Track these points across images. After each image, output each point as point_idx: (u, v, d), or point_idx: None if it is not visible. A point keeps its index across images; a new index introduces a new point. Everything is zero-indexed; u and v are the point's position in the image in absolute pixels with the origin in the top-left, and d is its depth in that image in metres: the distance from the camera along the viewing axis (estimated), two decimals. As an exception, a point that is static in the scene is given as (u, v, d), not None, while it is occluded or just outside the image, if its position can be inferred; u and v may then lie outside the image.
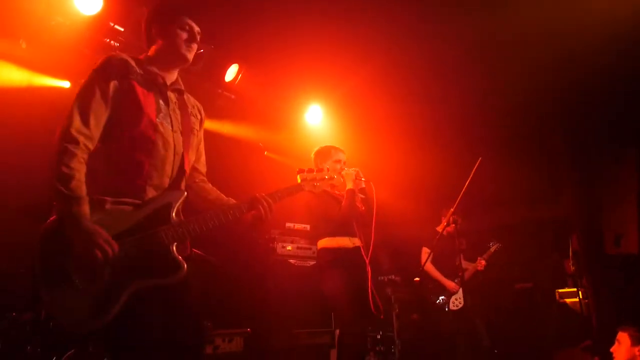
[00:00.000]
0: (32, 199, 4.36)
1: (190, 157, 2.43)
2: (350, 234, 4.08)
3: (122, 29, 4.93)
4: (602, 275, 5.86)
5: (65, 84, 5.24)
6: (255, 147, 7.18)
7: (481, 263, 6.05)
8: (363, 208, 4.16)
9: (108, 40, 4.99)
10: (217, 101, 5.92)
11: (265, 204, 2.37)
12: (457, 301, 5.89)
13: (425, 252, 6.10)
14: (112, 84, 2.17)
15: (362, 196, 4.15)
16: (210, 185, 2.61)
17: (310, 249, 5.92)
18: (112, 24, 4.87)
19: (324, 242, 4.11)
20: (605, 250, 5.93)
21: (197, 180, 2.57)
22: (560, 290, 6.44)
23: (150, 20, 2.45)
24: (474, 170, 4.24)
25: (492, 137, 6.66)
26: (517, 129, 6.65)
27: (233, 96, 6.10)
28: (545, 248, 7.35)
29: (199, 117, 2.56)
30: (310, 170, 2.60)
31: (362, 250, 4.04)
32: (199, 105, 2.62)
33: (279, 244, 5.68)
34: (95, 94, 2.14)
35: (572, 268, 6.02)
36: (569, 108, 6.10)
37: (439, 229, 5.77)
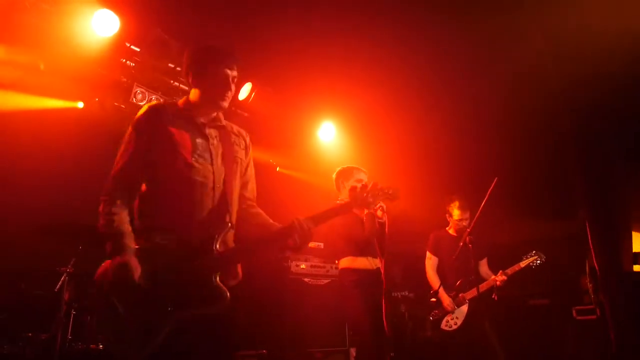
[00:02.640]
0: (49, 219, 4.40)
1: (235, 187, 2.50)
2: (371, 254, 4.11)
3: (138, 49, 4.99)
4: (620, 293, 5.77)
5: (79, 105, 5.29)
6: (268, 164, 7.21)
7: (501, 278, 5.09)
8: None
9: (124, 60, 5.05)
10: (231, 120, 5.87)
11: (300, 230, 2.35)
12: (452, 321, 5.11)
13: (429, 257, 5.47)
14: (148, 133, 2.35)
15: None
16: (257, 209, 2.66)
17: (324, 267, 5.88)
18: (128, 45, 4.93)
19: (347, 262, 4.15)
20: (623, 267, 5.84)
21: (244, 207, 2.63)
22: (578, 308, 6.31)
23: (187, 68, 2.55)
24: (490, 190, 4.21)
25: (508, 153, 6.62)
26: (532, 145, 6.60)
27: (246, 114, 6.13)
28: (562, 264, 7.26)
29: (242, 145, 2.66)
30: (364, 187, 2.56)
31: (381, 270, 4.04)
32: (243, 133, 2.73)
33: (293, 262, 5.65)
34: (133, 146, 2.34)
35: (589, 285, 5.91)
36: (584, 123, 6.06)
37: (447, 229, 5.48)
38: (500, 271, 5.18)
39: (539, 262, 5.15)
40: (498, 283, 5.10)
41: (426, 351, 5.96)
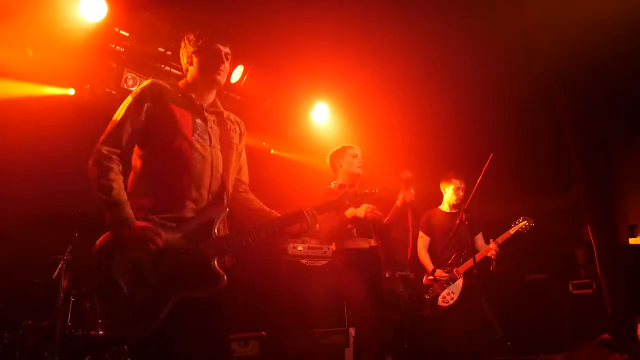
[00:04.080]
0: (44, 208, 4.38)
1: (232, 171, 2.53)
2: (366, 235, 4.08)
3: (127, 34, 4.94)
4: (616, 266, 5.81)
5: (70, 91, 5.24)
6: (261, 146, 7.20)
7: (492, 248, 4.97)
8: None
9: (113, 45, 5.00)
10: (223, 103, 5.85)
11: (309, 218, 2.45)
12: (448, 296, 5.03)
13: (420, 237, 5.35)
14: (146, 106, 2.32)
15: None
16: (252, 195, 2.70)
17: (321, 248, 5.90)
18: (117, 29, 4.88)
19: (339, 243, 4.13)
20: (619, 240, 5.88)
21: (240, 190, 2.67)
22: (574, 282, 6.34)
23: (185, 50, 2.57)
24: (485, 166, 4.19)
25: (503, 129, 6.61)
26: (527, 120, 6.59)
27: (239, 97, 6.10)
28: (557, 239, 7.28)
29: (238, 131, 2.67)
30: (352, 185, 2.65)
31: (378, 249, 4.07)
32: (239, 120, 2.74)
33: (290, 244, 5.67)
34: (128, 115, 2.29)
35: (585, 259, 5.94)
36: (579, 97, 6.06)
37: (439, 207, 5.40)
38: (491, 240, 5.11)
39: (528, 226, 5.08)
40: (492, 252, 5.00)
41: (425, 329, 5.98)
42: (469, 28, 5.49)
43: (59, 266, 4.22)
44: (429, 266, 5.17)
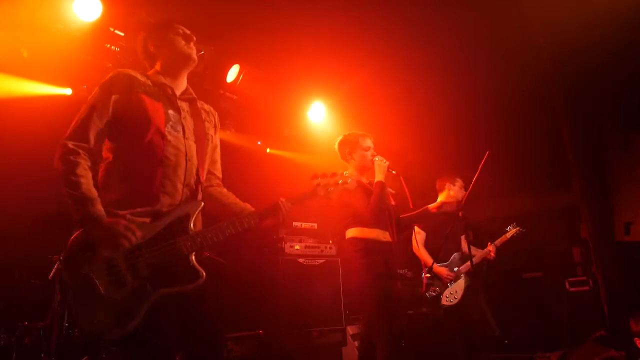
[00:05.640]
0: (39, 208, 4.37)
1: (206, 163, 2.47)
2: (382, 227, 3.81)
3: (122, 34, 4.93)
4: (613, 264, 5.82)
5: (67, 91, 5.22)
6: (258, 145, 7.20)
7: (492, 250, 5.25)
8: (394, 202, 3.97)
9: (109, 45, 4.99)
10: (220, 102, 5.90)
11: (284, 210, 2.41)
12: (451, 295, 5.04)
13: (417, 232, 5.29)
14: (114, 97, 2.24)
15: (393, 191, 3.96)
16: (225, 189, 2.65)
17: (318, 247, 5.91)
18: (112, 29, 4.86)
19: (354, 232, 3.82)
20: (615, 238, 5.88)
21: (213, 184, 2.61)
22: (571, 280, 6.36)
23: (145, 41, 2.53)
24: (482, 164, 4.17)
25: (499, 126, 6.61)
26: (524, 118, 6.59)
27: (235, 97, 6.09)
28: (554, 236, 7.30)
29: (212, 122, 2.60)
30: (324, 176, 2.58)
31: (392, 246, 3.82)
32: (213, 110, 2.67)
33: (287, 243, 5.67)
34: (95, 107, 2.21)
35: (581, 257, 5.95)
36: (576, 94, 6.05)
37: (435, 205, 5.34)
38: (489, 243, 5.33)
39: (521, 232, 5.44)
40: (491, 254, 5.26)
41: (422, 328, 5.98)
42: (466, 27, 5.49)
43: (55, 266, 4.22)
44: (429, 261, 5.12)
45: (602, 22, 4.95)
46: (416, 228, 5.28)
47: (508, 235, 5.43)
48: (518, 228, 5.45)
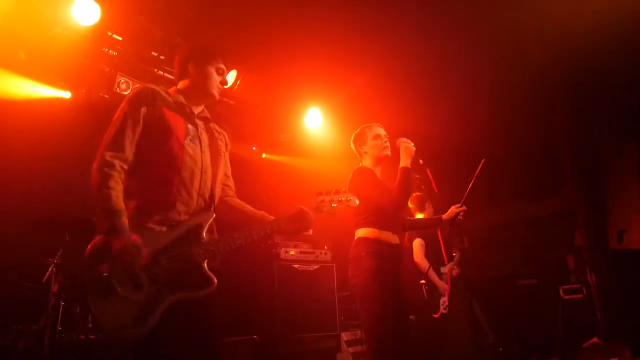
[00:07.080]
0: (34, 211, 4.37)
1: (219, 176, 2.61)
2: (393, 229, 3.49)
3: (120, 38, 4.95)
4: (607, 271, 5.84)
5: (66, 95, 5.23)
6: (253, 151, 7.21)
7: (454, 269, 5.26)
8: (423, 186, 3.85)
9: (107, 49, 5.00)
10: (216, 108, 5.90)
11: (310, 216, 2.58)
12: (444, 304, 5.04)
13: (419, 244, 5.29)
14: (143, 110, 2.38)
15: (418, 176, 3.73)
16: (240, 201, 2.78)
17: (313, 253, 5.92)
18: (110, 34, 4.88)
19: (366, 232, 3.46)
20: (609, 246, 5.91)
21: (230, 195, 2.76)
22: (565, 287, 6.37)
23: (187, 57, 2.64)
24: (477, 171, 4.18)
25: (495, 133, 6.64)
26: (519, 125, 6.63)
27: (232, 102, 6.11)
28: (548, 244, 7.32)
29: (224, 141, 2.75)
30: (328, 192, 2.69)
31: (400, 249, 3.56)
32: (224, 132, 2.81)
33: (282, 249, 5.67)
34: (127, 120, 2.35)
35: (575, 264, 5.95)
36: (571, 102, 6.09)
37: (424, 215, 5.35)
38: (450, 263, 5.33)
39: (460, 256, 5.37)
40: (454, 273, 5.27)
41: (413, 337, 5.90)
42: (463, 32, 5.52)
43: (50, 270, 4.21)
44: (434, 276, 5.10)
45: (600, 31, 4.99)
46: (418, 240, 5.27)
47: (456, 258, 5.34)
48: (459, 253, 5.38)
